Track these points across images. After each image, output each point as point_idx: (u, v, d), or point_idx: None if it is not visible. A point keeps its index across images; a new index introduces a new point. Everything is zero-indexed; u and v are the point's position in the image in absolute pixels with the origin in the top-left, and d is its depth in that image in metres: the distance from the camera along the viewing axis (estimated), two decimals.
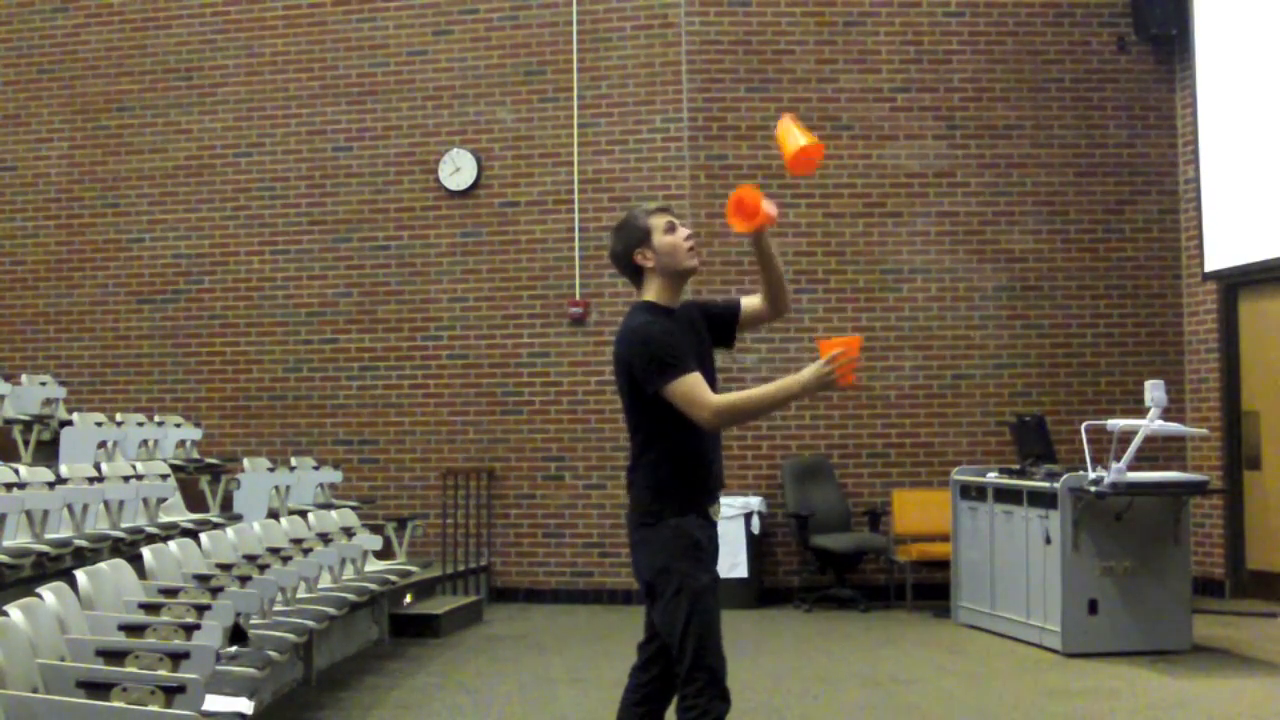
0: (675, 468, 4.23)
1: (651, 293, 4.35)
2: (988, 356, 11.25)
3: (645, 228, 4.34)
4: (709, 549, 4.28)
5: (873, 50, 11.34)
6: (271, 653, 5.84)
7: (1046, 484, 8.63)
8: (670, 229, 4.34)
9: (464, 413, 11.56)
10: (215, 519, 9.00)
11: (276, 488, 9.89)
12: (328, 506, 9.97)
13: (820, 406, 11.07)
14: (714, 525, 4.33)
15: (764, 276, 4.46)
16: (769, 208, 4.26)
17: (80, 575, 5.59)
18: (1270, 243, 10.13)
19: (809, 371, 4.09)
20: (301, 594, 7.42)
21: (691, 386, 4.12)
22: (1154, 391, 8.20)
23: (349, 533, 8.93)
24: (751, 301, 4.52)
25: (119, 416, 10.35)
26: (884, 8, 11.35)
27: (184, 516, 9.00)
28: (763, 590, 10.84)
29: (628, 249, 4.36)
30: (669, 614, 4.16)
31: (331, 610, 7.22)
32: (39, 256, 12.34)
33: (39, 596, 5.01)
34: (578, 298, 11.40)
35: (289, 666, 7.06)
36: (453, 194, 11.67)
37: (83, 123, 12.33)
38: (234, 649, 5.55)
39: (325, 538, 8.44)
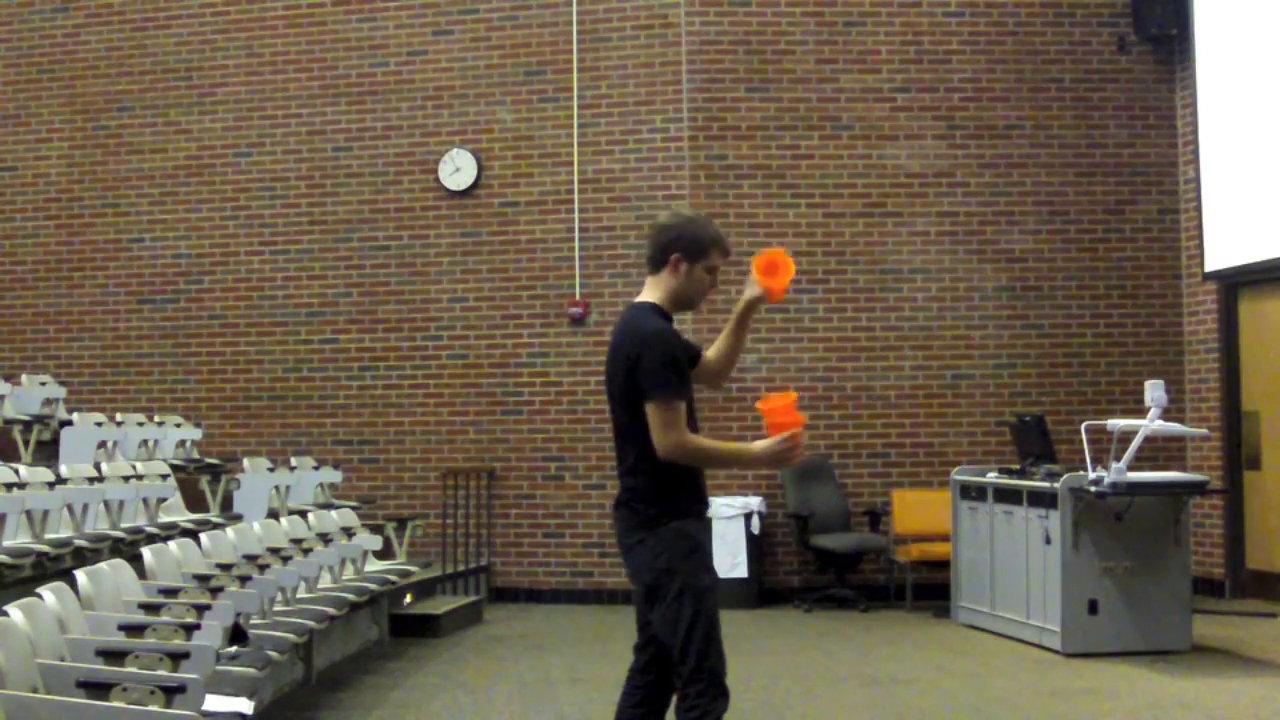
0: (675, 471, 4.24)
1: (658, 295, 4.35)
2: (988, 356, 11.25)
3: (705, 248, 4.32)
4: (708, 550, 4.33)
5: (873, 50, 11.34)
6: (271, 653, 5.84)
7: (1046, 484, 8.63)
8: (712, 272, 4.36)
9: (464, 413, 11.56)
10: (215, 519, 8.99)
11: (276, 488, 9.89)
12: (328, 506, 9.97)
13: (820, 407, 11.06)
14: (708, 527, 4.41)
15: (730, 343, 4.49)
16: (787, 283, 4.34)
17: (80, 575, 5.60)
18: (1270, 243, 10.13)
19: (764, 446, 4.22)
20: (301, 594, 7.42)
21: (678, 413, 4.18)
22: (1154, 391, 8.20)
23: (349, 533, 8.94)
24: (707, 356, 4.53)
25: (119, 416, 10.36)
26: (884, 8, 11.35)
27: (184, 516, 9.00)
28: (763, 590, 10.83)
29: (675, 245, 4.32)
30: (672, 615, 4.16)
31: (331, 610, 7.22)
32: (39, 256, 12.34)
33: (39, 596, 5.01)
34: (578, 298, 11.40)
35: (289, 666, 7.06)
36: (453, 194, 11.67)
37: (83, 123, 12.33)
38: (234, 649, 5.55)
39: (325, 538, 8.44)
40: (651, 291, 4.37)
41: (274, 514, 9.24)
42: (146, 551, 6.57)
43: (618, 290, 11.24)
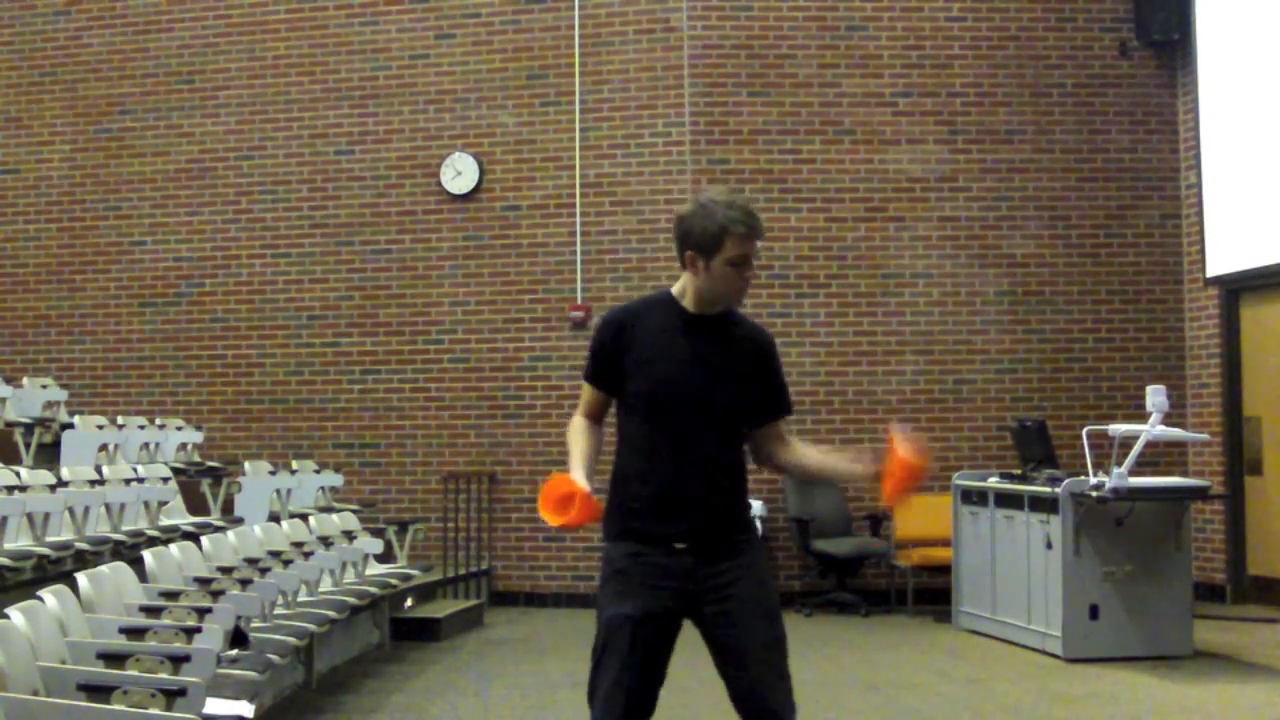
0: (615, 482, 3.89)
1: (680, 288, 3.85)
2: (989, 361, 11.25)
3: (718, 241, 3.71)
4: (638, 577, 3.77)
5: (874, 55, 11.35)
6: (272, 656, 5.84)
7: (1048, 489, 8.62)
8: (738, 264, 3.73)
9: (465, 416, 11.56)
10: (216, 522, 8.98)
11: (278, 491, 9.87)
12: (329, 510, 9.96)
13: (821, 411, 11.07)
14: (664, 552, 3.77)
15: (808, 472, 4.13)
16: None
17: (81, 578, 5.59)
18: (1272, 248, 10.13)
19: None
20: (302, 597, 7.42)
21: (585, 392, 4.01)
22: (1155, 396, 8.20)
23: (350, 536, 8.93)
24: (770, 437, 3.93)
25: (120, 419, 10.34)
26: (886, 12, 11.35)
27: (185, 519, 8.99)
28: None
29: (686, 241, 3.76)
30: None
31: (332, 614, 7.22)
32: (41, 259, 12.35)
33: (40, 599, 5.01)
34: (579, 301, 11.40)
35: (289, 670, 7.05)
36: (454, 198, 11.67)
37: (85, 126, 12.34)
38: (234, 652, 5.54)
39: (326, 541, 8.44)
40: (679, 283, 3.85)
41: (275, 517, 9.23)
42: (147, 554, 6.56)
43: (619, 294, 11.22)
